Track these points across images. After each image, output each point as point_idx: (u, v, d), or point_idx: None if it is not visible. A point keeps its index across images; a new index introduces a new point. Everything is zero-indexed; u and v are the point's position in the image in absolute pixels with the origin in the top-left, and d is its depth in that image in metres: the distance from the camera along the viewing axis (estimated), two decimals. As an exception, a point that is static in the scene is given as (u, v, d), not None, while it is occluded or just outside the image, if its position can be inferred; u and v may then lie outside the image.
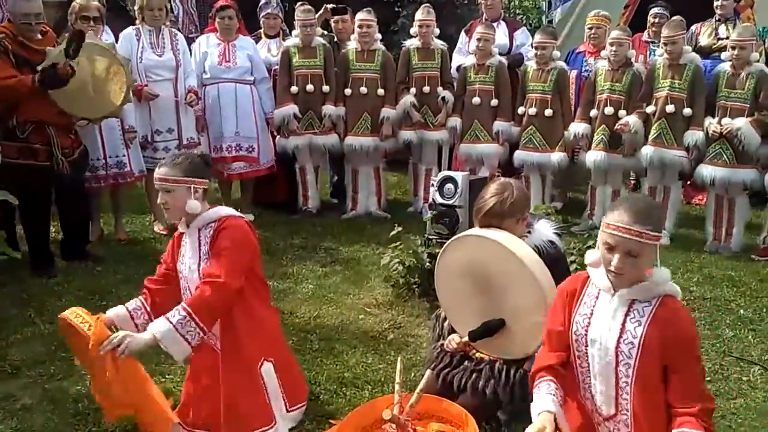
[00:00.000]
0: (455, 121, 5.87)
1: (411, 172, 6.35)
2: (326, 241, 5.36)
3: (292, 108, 5.73)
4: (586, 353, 2.19)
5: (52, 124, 4.42)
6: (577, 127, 5.51)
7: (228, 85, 5.58)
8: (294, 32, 5.89)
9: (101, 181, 5.07)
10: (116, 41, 5.28)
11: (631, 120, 5.17)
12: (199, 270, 2.66)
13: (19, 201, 4.12)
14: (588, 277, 2.23)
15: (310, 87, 5.74)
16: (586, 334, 2.17)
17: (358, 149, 5.86)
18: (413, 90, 5.86)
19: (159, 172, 2.68)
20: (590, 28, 6.09)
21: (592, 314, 2.17)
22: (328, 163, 6.51)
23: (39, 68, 4.29)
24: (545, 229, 2.86)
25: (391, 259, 4.22)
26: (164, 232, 5.42)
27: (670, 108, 5.09)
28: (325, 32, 6.31)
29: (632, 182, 6.46)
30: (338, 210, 6.21)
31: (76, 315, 2.56)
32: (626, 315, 2.10)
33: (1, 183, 4.22)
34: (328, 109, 5.79)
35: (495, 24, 6.07)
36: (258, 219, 5.94)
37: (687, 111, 5.07)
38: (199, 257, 2.68)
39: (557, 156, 5.59)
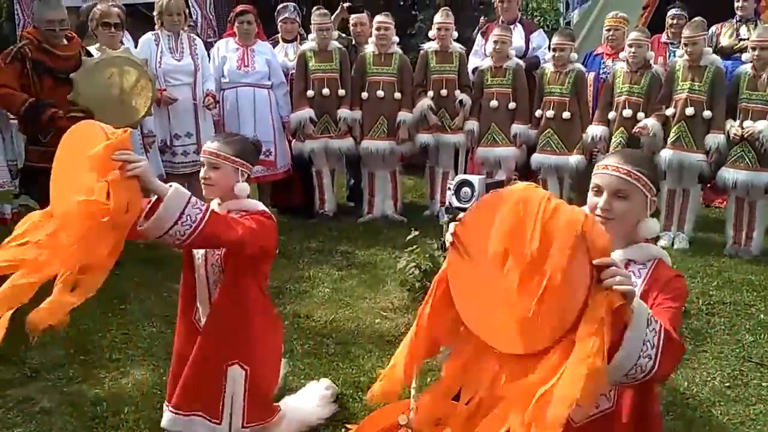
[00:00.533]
0: (472, 125, 5.86)
1: (427, 175, 6.34)
2: (342, 245, 5.37)
3: (308, 112, 5.75)
4: None
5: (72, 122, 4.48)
6: (595, 130, 5.48)
7: (246, 89, 5.62)
8: (310, 36, 5.92)
9: (120, 186, 5.11)
10: (136, 46, 5.36)
11: (650, 123, 5.13)
12: (212, 259, 2.62)
13: (41, 205, 4.18)
14: None
15: (326, 91, 5.76)
16: None
17: (375, 153, 5.86)
18: (431, 93, 5.86)
19: (210, 146, 2.61)
20: (608, 30, 6.04)
21: None
22: (345, 167, 6.52)
23: (24, 105, 4.34)
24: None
25: (408, 263, 4.21)
26: None
27: (689, 110, 5.04)
28: (343, 35, 6.33)
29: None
30: (355, 213, 6.22)
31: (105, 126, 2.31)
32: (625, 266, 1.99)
33: (24, 187, 4.30)
34: (344, 112, 5.81)
35: (511, 26, 6.05)
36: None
37: (707, 113, 5.02)
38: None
39: (575, 159, 5.56)
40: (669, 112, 5.16)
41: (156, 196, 2.28)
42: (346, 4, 6.48)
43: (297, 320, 4.01)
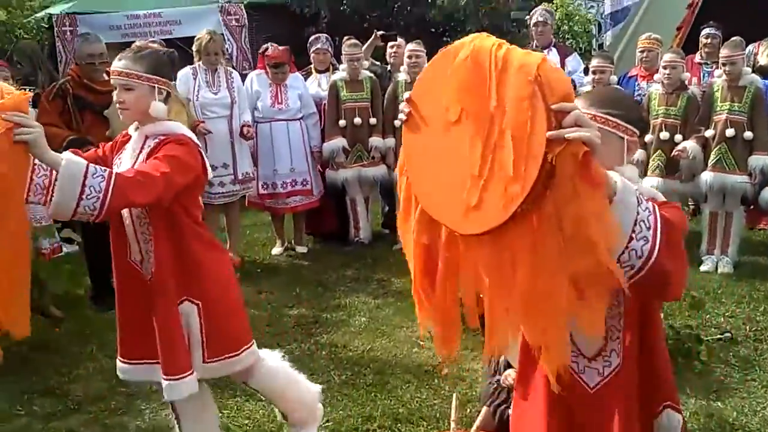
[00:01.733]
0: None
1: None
2: (378, 273, 5.36)
3: (340, 141, 5.79)
4: None
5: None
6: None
7: (280, 124, 5.69)
8: (341, 66, 5.98)
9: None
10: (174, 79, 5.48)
11: (689, 145, 5.04)
12: None
13: (82, 237, 4.27)
14: None
15: (357, 120, 5.81)
16: None
17: (409, 180, 5.86)
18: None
19: (117, 65, 2.34)
20: (642, 52, 5.98)
21: None
22: (379, 194, 6.54)
23: (69, 139, 4.37)
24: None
25: (444, 291, 4.18)
26: (237, 262, 5.44)
27: (730, 132, 4.94)
28: (377, 63, 6.39)
29: (692, 208, 6.28)
30: (390, 241, 6.21)
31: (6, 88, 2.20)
32: None
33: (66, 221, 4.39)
34: (376, 141, 5.85)
35: (545, 50, 6.04)
36: (310, 250, 6.01)
37: (748, 134, 4.92)
38: (134, 165, 2.37)
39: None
40: (708, 133, 5.07)
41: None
42: (379, 33, 6.55)
43: (334, 350, 4.00)
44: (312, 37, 6.42)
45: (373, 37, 6.52)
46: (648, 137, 5.31)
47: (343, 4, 9.31)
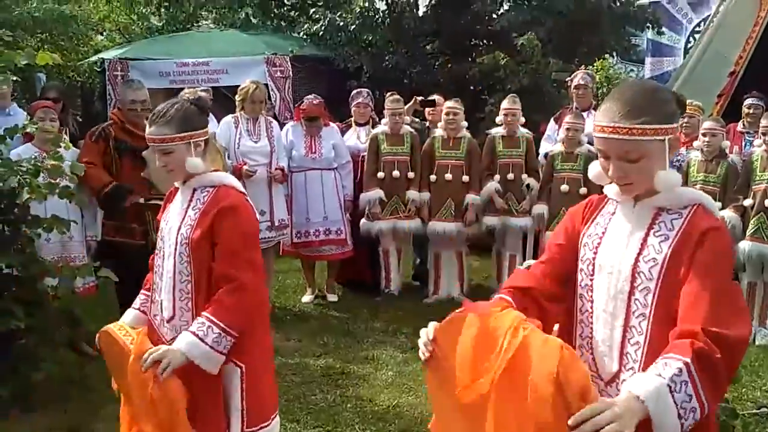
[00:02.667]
0: (542, 209, 5.82)
1: (494, 258, 6.30)
2: (407, 326, 5.33)
3: (377, 193, 5.86)
4: (591, 286, 1.74)
5: (150, 208, 4.67)
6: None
7: (314, 173, 5.80)
8: (383, 120, 6.09)
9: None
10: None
11: (727, 215, 4.98)
12: (178, 232, 2.35)
13: (119, 277, 4.34)
14: (605, 196, 1.82)
15: (396, 173, 5.88)
16: (594, 259, 1.74)
17: (442, 233, 5.89)
18: (497, 177, 5.89)
19: (151, 131, 2.34)
20: (683, 117, 5.97)
21: (604, 233, 1.75)
22: (411, 246, 6.56)
23: (106, 188, 4.54)
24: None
25: (473, 349, 4.13)
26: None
27: (769, 202, 4.88)
28: (416, 119, 6.50)
29: (730, 276, 6.15)
30: (420, 293, 6.20)
31: (119, 328, 2.38)
32: (650, 228, 1.68)
33: (101, 259, 4.49)
34: (412, 194, 5.90)
35: (585, 113, 6.08)
36: (341, 299, 6.03)
37: (788, 205, 4.85)
38: (183, 219, 2.36)
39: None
40: (747, 203, 5.01)
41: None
42: (419, 99, 6.66)
43: (359, 403, 3.97)
44: (354, 92, 6.57)
45: (412, 101, 6.65)
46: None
47: (385, 60, 9.51)
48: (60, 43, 10.35)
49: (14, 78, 3.83)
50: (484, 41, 10.16)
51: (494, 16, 9.95)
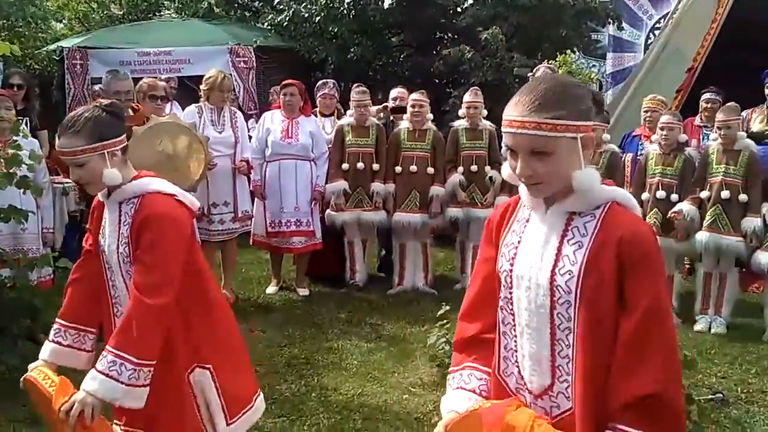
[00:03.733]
0: (505, 200, 5.88)
1: (458, 249, 6.35)
2: (372, 317, 5.36)
3: (341, 184, 5.85)
4: (511, 299, 1.65)
5: None
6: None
7: (288, 162, 5.71)
8: (349, 112, 6.08)
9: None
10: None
11: (685, 207, 5.11)
12: (118, 251, 2.25)
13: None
14: (519, 199, 1.71)
15: (360, 165, 5.88)
16: (511, 271, 1.64)
17: (407, 225, 5.92)
18: (461, 169, 5.94)
19: (60, 143, 2.19)
20: (646, 112, 6.10)
21: (520, 242, 1.65)
22: (376, 237, 6.57)
23: None
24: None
25: (438, 338, 4.18)
26: (231, 300, 5.45)
27: (725, 194, 5.02)
28: (381, 114, 6.50)
29: (686, 267, 6.32)
30: (385, 284, 6.22)
31: (41, 375, 2.26)
32: (563, 236, 1.57)
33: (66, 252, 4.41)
34: (377, 186, 5.90)
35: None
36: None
37: (743, 197, 4.99)
38: (118, 237, 2.25)
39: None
40: (704, 194, 5.14)
41: None
42: (390, 105, 6.62)
43: (324, 392, 3.98)
44: (319, 82, 6.56)
45: (382, 107, 6.64)
46: (644, 196, 5.38)
47: (350, 51, 9.50)
48: (18, 30, 10.08)
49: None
50: (449, 35, 10.21)
51: (459, 10, 10.01)
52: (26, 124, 5.31)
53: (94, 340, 2.39)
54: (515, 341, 1.65)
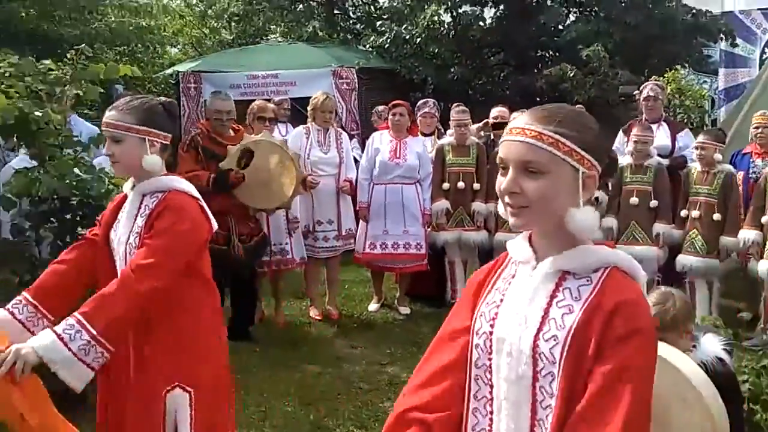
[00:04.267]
0: (611, 222, 5.73)
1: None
2: (473, 337, 5.32)
3: (444, 203, 5.87)
4: (489, 367, 1.41)
5: (231, 214, 4.83)
6: (748, 234, 5.17)
7: (395, 187, 5.72)
8: (449, 131, 6.11)
9: (264, 266, 5.42)
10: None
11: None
12: (127, 242, 2.19)
13: (231, 287, 4.53)
14: (506, 256, 1.51)
15: (461, 184, 5.88)
16: (491, 333, 1.41)
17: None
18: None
19: (108, 115, 2.21)
20: (756, 128, 5.81)
21: (502, 300, 1.43)
22: (477, 258, 6.54)
23: (215, 172, 4.76)
24: (713, 345, 2.69)
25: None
26: (319, 318, 5.63)
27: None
28: (483, 132, 6.49)
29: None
30: (485, 306, 6.16)
31: None
32: (552, 296, 1.37)
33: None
34: (478, 206, 5.89)
35: (655, 125, 5.96)
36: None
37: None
38: (132, 228, 2.19)
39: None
40: (765, 219, 4.84)
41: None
42: (491, 121, 6.58)
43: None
44: (420, 102, 6.63)
45: (483, 123, 6.63)
46: (764, 219, 5.08)
47: (450, 71, 9.56)
48: (137, 55, 10.79)
49: (101, 90, 4.02)
50: (550, 53, 10.10)
51: (560, 27, 9.89)
52: None
53: (45, 327, 2.16)
54: (489, 419, 1.41)
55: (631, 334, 1.27)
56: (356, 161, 6.04)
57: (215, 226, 2.32)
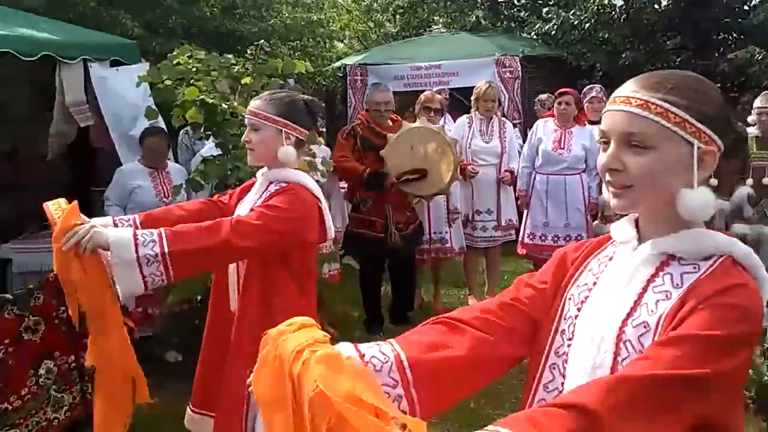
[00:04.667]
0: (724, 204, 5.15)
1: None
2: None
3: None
4: (567, 356, 1.25)
5: (389, 202, 4.96)
6: None
7: (557, 178, 5.53)
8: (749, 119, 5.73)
9: (424, 254, 5.50)
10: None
11: None
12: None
13: (359, 265, 4.70)
14: (608, 237, 1.34)
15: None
16: (576, 316, 1.25)
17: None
18: (750, 181, 5.34)
19: (252, 104, 2.32)
20: None
21: (595, 284, 1.26)
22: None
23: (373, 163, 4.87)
24: None
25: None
26: None
27: None
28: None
29: None
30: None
31: (55, 205, 2.09)
32: (650, 280, 1.17)
33: (346, 249, 4.87)
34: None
35: None
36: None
37: None
38: (252, 204, 2.28)
39: None
40: None
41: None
42: None
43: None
44: (586, 88, 6.39)
45: None
46: None
47: (621, 57, 9.10)
48: (308, 50, 11.31)
49: (281, 83, 4.28)
50: (734, 35, 9.32)
51: (746, 8, 9.08)
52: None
53: None
54: None
55: (723, 305, 1.05)
56: (518, 151, 5.94)
57: (331, 235, 2.36)
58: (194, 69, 4.01)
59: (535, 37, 10.15)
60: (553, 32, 9.54)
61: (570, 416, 0.96)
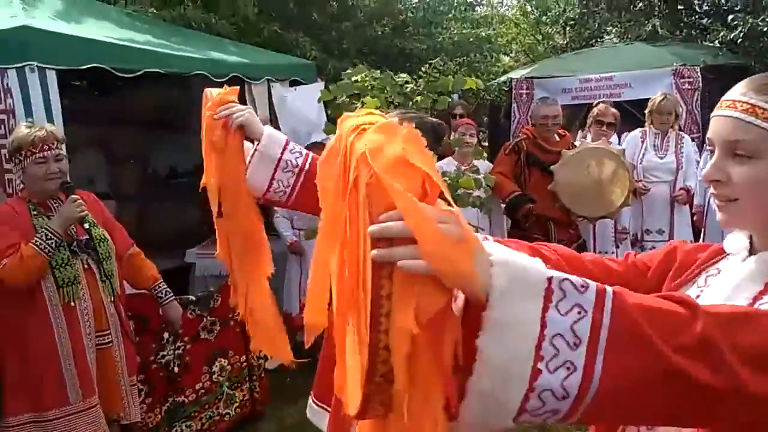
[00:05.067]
0: None
1: None
2: None
3: None
4: None
5: (552, 219, 4.87)
6: None
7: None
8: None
9: (590, 274, 5.33)
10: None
11: None
12: None
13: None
14: (720, 250, 1.20)
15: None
16: None
17: None
18: None
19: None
20: None
21: (698, 297, 1.11)
22: None
23: (509, 196, 4.83)
24: None
25: None
26: None
27: None
28: None
29: None
30: None
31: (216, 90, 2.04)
32: (757, 297, 1.03)
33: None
34: None
35: None
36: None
37: None
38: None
39: None
40: None
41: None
42: None
43: None
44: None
45: None
46: None
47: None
48: (474, 65, 11.40)
49: (449, 100, 4.39)
50: None
51: None
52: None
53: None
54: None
55: None
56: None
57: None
58: (370, 87, 4.22)
59: (718, 45, 9.49)
60: (740, 40, 8.88)
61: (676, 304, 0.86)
